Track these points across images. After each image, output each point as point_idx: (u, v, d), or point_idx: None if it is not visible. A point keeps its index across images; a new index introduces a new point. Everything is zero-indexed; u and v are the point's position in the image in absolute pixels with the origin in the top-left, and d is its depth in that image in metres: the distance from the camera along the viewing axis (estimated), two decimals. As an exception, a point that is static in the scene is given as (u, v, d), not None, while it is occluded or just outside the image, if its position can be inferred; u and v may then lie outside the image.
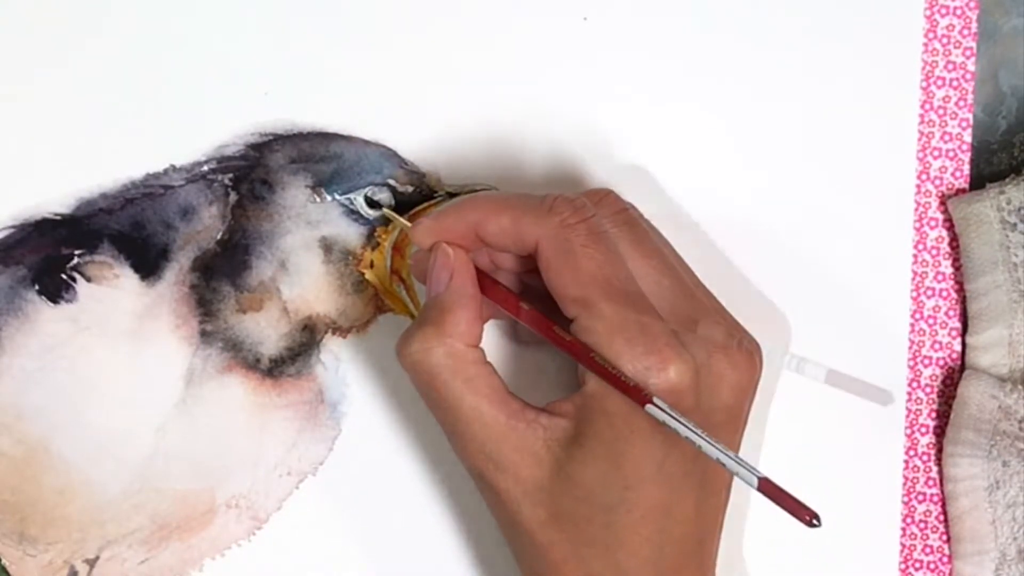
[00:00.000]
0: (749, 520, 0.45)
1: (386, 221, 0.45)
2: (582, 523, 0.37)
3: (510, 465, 0.38)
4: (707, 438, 0.35)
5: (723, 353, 0.38)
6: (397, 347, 0.39)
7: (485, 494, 0.39)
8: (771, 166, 0.46)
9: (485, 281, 0.40)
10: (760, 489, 0.34)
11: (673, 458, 0.37)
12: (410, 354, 0.38)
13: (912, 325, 0.46)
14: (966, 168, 0.46)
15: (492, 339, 0.45)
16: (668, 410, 0.36)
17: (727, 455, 0.35)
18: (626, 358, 0.36)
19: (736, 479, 0.36)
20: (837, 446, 0.46)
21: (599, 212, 0.39)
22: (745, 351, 0.39)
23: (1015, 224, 0.45)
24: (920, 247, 0.46)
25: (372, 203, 0.45)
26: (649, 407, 0.36)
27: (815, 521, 0.33)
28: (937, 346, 0.46)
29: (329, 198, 0.45)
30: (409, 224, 0.42)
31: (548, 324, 0.39)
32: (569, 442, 0.37)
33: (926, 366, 0.46)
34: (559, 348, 0.38)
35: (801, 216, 0.46)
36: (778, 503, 0.34)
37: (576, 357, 0.38)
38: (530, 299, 0.40)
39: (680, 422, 0.36)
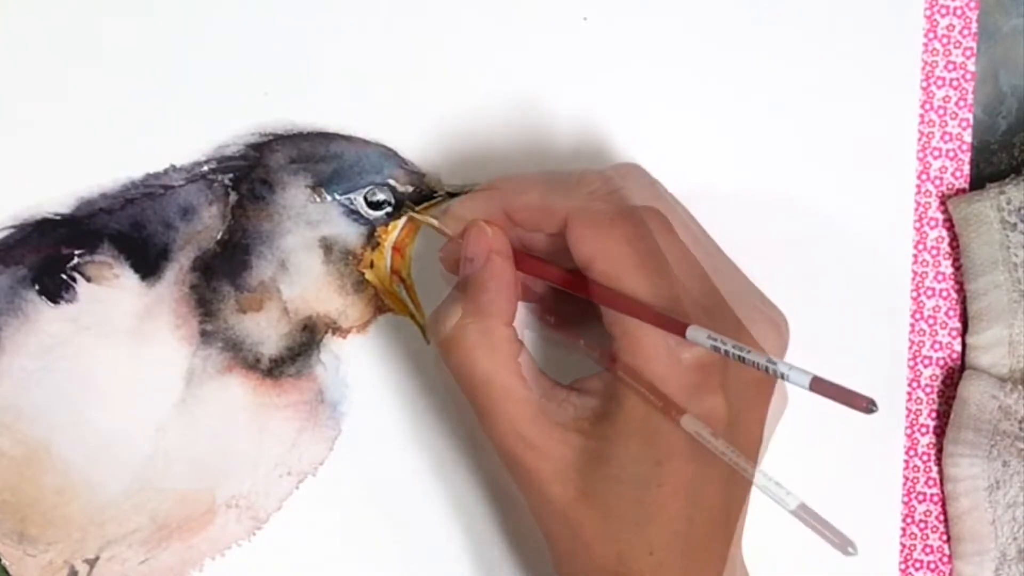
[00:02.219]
0: (749, 520, 0.45)
1: (386, 221, 0.45)
2: (612, 500, 0.37)
3: (541, 444, 0.37)
4: (741, 458, 0.35)
5: (751, 325, 0.38)
6: (429, 324, 0.39)
7: (515, 473, 0.39)
8: (771, 166, 0.46)
9: (520, 256, 0.40)
10: (795, 513, 0.34)
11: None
12: (444, 331, 0.38)
13: (912, 325, 0.46)
14: (966, 168, 0.46)
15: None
16: (702, 427, 0.36)
17: (763, 476, 0.35)
18: (665, 389, 0.36)
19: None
20: (837, 446, 0.46)
21: (626, 185, 0.39)
22: (772, 322, 0.39)
23: (1015, 224, 0.45)
24: (920, 247, 0.46)
25: (372, 203, 0.45)
26: (684, 419, 0.36)
27: (851, 549, 0.33)
28: (937, 346, 0.46)
29: (329, 198, 0.45)
30: (435, 220, 0.41)
31: (587, 290, 0.38)
32: (599, 419, 0.37)
33: (926, 366, 0.46)
34: (599, 364, 0.38)
35: (801, 216, 0.46)
36: (813, 528, 0.34)
37: (603, 301, 0.37)
38: (565, 311, 0.40)
39: (714, 441, 0.36)
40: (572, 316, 0.41)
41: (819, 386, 0.34)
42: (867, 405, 0.33)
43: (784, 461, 0.44)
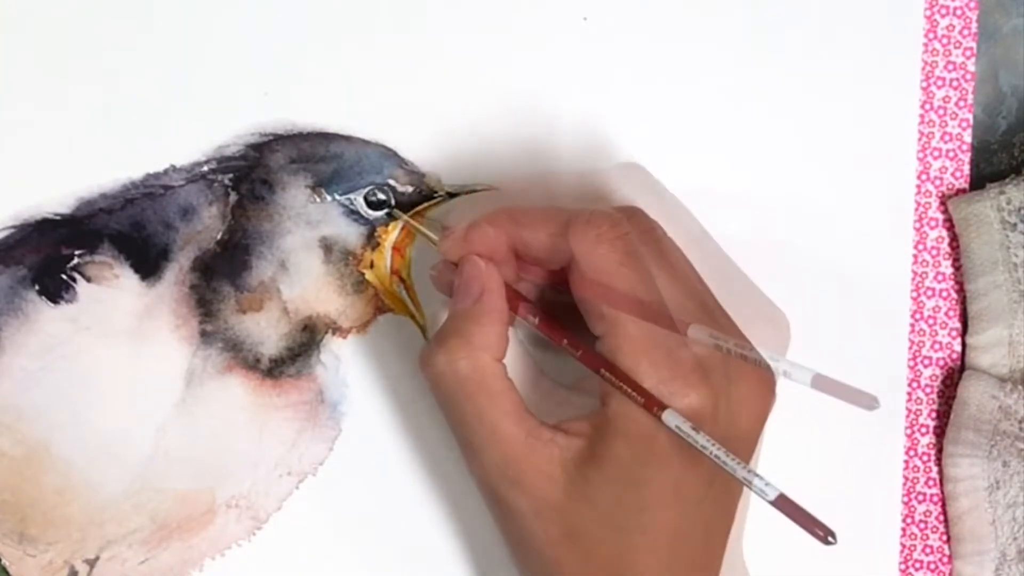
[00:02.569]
0: (749, 520, 0.45)
1: (387, 221, 0.45)
2: (594, 543, 0.37)
3: (525, 483, 0.37)
4: (722, 452, 0.35)
5: (743, 379, 0.38)
6: (421, 357, 0.39)
7: (497, 510, 0.39)
8: (771, 166, 0.46)
9: (511, 295, 0.40)
10: (775, 504, 0.34)
11: (689, 482, 0.37)
12: (435, 364, 0.38)
13: (912, 325, 0.46)
14: (966, 168, 0.46)
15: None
16: (683, 423, 0.36)
17: (743, 468, 0.35)
18: (650, 380, 0.36)
19: (749, 495, 0.36)
20: (837, 446, 0.46)
21: (631, 229, 0.39)
22: (763, 378, 0.39)
23: (1015, 224, 0.45)
24: (920, 247, 0.46)
25: (372, 203, 0.45)
26: (665, 415, 0.36)
27: (830, 539, 0.33)
28: (937, 346, 0.46)
29: (329, 198, 0.45)
30: (435, 237, 0.41)
31: (572, 340, 0.39)
32: (584, 462, 0.37)
33: (926, 366, 0.46)
34: (583, 364, 0.38)
35: (801, 216, 0.46)
36: (793, 519, 0.34)
37: (599, 374, 0.38)
38: (551, 312, 0.40)
39: (695, 436, 0.36)
40: (555, 315, 0.41)
41: (821, 383, 0.34)
42: (869, 401, 0.33)
43: (784, 461, 0.44)
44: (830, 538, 0.33)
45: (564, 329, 0.39)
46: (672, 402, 0.36)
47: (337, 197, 0.45)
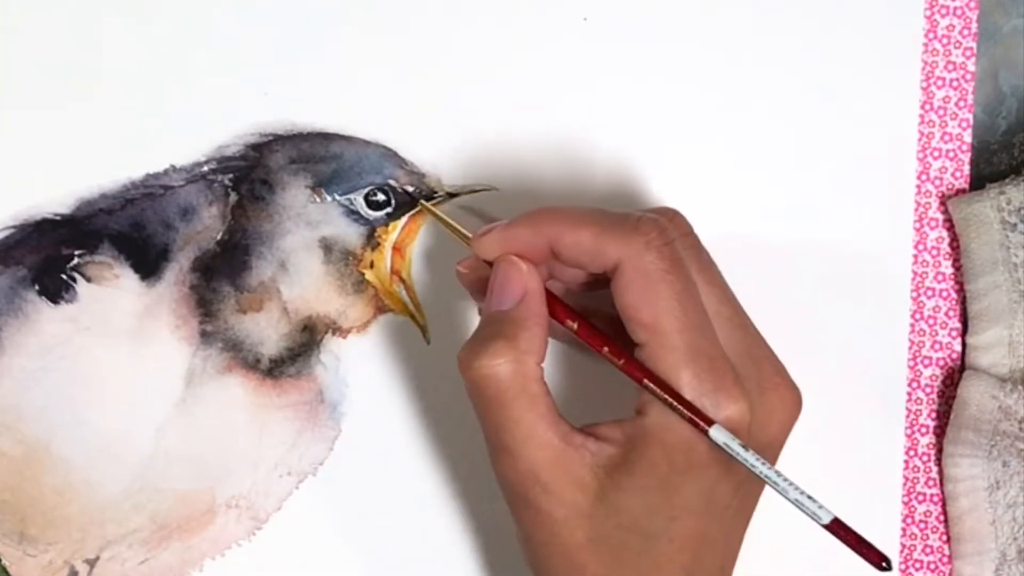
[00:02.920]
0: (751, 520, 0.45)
1: (387, 221, 0.45)
2: (619, 548, 0.37)
3: (556, 488, 0.37)
4: (773, 471, 0.35)
5: (774, 390, 0.39)
6: (462, 358, 0.38)
7: (525, 514, 0.38)
8: (771, 166, 0.46)
9: (550, 299, 0.39)
10: (828, 528, 0.34)
11: (720, 491, 0.37)
12: (479, 367, 0.37)
13: (912, 325, 0.46)
14: (966, 168, 0.46)
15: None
16: (731, 439, 0.36)
17: (795, 489, 0.35)
18: (692, 392, 0.36)
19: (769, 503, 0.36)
20: (837, 446, 0.46)
21: (677, 237, 0.39)
22: (792, 389, 0.39)
23: (1015, 224, 0.45)
24: (920, 247, 0.46)
25: (372, 203, 0.45)
26: (712, 431, 0.36)
27: (885, 564, 0.33)
28: (937, 346, 0.46)
29: (329, 198, 0.45)
30: (468, 235, 0.41)
31: (615, 348, 0.38)
32: (615, 468, 0.37)
33: (926, 366, 0.46)
34: (625, 372, 0.38)
35: (801, 216, 0.46)
36: (847, 543, 0.34)
37: (641, 383, 0.37)
38: (587, 317, 0.40)
39: (745, 454, 0.36)
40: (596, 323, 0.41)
41: (837, 528, 0.34)
42: (880, 562, 0.33)
43: (784, 461, 0.44)
44: (884, 564, 0.33)
45: (604, 335, 0.39)
46: (714, 414, 0.36)
47: (337, 197, 0.45)
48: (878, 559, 0.33)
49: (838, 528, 0.34)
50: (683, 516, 0.37)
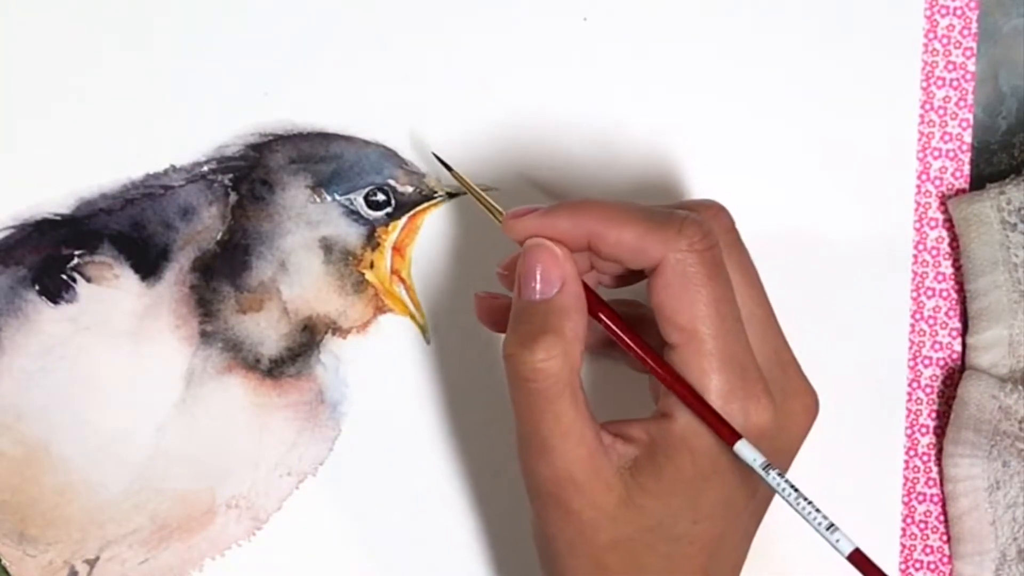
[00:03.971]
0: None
1: (387, 221, 0.45)
2: (641, 550, 0.37)
3: (589, 488, 0.37)
4: (801, 497, 0.35)
5: (796, 397, 0.39)
6: (511, 351, 0.37)
7: (553, 512, 0.38)
8: (771, 166, 0.46)
9: (585, 291, 0.38)
10: (850, 559, 0.34)
11: (739, 495, 0.37)
12: (531, 362, 0.36)
13: (912, 325, 0.46)
14: (966, 168, 0.46)
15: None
16: (757, 456, 0.36)
17: (823, 517, 0.35)
18: (720, 398, 0.36)
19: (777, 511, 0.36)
20: (837, 446, 0.46)
21: (720, 240, 0.38)
22: (813, 395, 0.39)
23: (1015, 224, 0.45)
24: (920, 247, 0.46)
25: (372, 203, 0.45)
26: (738, 446, 0.36)
27: None
28: (937, 346, 0.46)
29: (329, 198, 0.45)
30: (502, 211, 0.39)
31: (647, 349, 0.38)
32: (640, 471, 0.37)
33: (926, 366, 0.46)
34: (657, 376, 0.37)
35: (801, 216, 0.46)
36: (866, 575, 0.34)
37: (671, 387, 0.37)
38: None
39: (767, 475, 0.36)
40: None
41: (859, 559, 0.34)
42: None
43: (784, 461, 0.44)
44: None
45: (636, 333, 0.38)
46: (742, 421, 0.36)
47: (337, 197, 0.45)
48: None
49: (859, 559, 0.34)
50: (705, 520, 0.37)
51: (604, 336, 0.39)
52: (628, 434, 0.38)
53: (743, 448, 0.36)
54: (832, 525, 0.35)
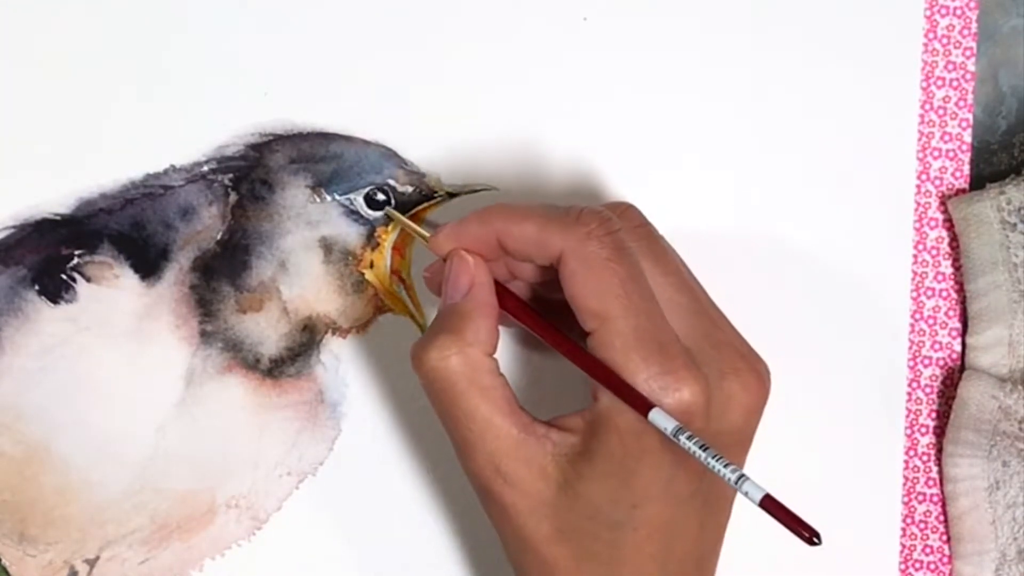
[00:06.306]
0: (748, 520, 0.45)
1: (387, 221, 0.45)
2: (587, 539, 0.37)
3: (518, 479, 0.37)
4: (707, 453, 0.35)
5: (735, 375, 0.38)
6: (413, 353, 0.38)
7: (490, 507, 0.39)
8: (771, 166, 0.46)
9: (500, 292, 0.40)
10: (762, 505, 0.34)
11: (681, 477, 0.37)
12: (427, 360, 0.38)
13: (912, 325, 0.46)
14: (966, 168, 0.46)
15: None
16: (669, 422, 0.36)
17: (729, 469, 0.35)
18: (641, 376, 0.36)
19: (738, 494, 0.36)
20: (837, 446, 0.46)
21: (623, 226, 0.39)
22: (756, 372, 0.39)
23: (1015, 224, 0.45)
24: (920, 247, 0.46)
25: (372, 203, 0.45)
26: (652, 414, 0.36)
27: (815, 539, 0.33)
28: (937, 346, 0.46)
29: (329, 198, 0.45)
30: (426, 235, 0.41)
31: (562, 337, 0.39)
32: (577, 458, 0.37)
33: (926, 366, 0.46)
34: (572, 361, 0.38)
35: (801, 216, 0.46)
36: (780, 520, 0.34)
37: (588, 371, 0.37)
38: (544, 311, 0.40)
39: (680, 438, 0.35)
40: (546, 314, 0.41)
41: (769, 504, 0.34)
42: (810, 537, 0.33)
43: (784, 461, 0.44)
44: (815, 539, 0.33)
45: (553, 326, 0.39)
46: (663, 397, 0.36)
47: (337, 197, 0.45)
48: (809, 535, 0.33)
49: (771, 504, 0.34)
50: (644, 503, 0.37)
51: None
52: (565, 424, 0.38)
53: (657, 416, 0.36)
54: (743, 475, 0.35)
